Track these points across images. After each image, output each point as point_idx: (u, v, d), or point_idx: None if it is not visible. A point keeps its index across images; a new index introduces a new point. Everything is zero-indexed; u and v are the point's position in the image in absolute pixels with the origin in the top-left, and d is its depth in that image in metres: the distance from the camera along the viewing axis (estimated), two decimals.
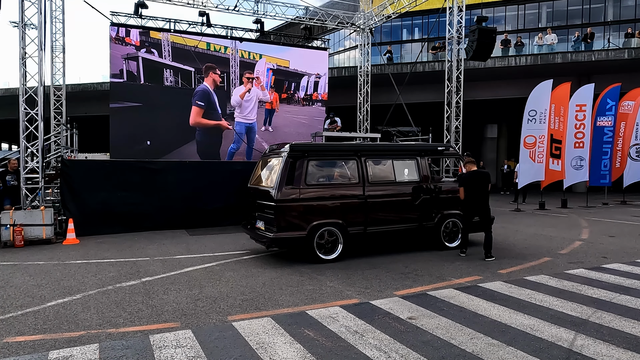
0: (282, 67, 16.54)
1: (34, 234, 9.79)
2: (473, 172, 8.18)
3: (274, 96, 16.59)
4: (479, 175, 8.20)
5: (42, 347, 4.29)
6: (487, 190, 8.14)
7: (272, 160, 8.31)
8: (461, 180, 8.30)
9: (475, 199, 8.06)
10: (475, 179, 8.12)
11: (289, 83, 16.60)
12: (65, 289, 6.25)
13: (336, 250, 7.80)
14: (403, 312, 5.15)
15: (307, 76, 16.60)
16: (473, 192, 8.08)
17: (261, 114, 16.53)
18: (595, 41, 23.81)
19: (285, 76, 16.54)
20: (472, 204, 8.11)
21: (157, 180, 11.61)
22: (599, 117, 16.58)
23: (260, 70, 16.41)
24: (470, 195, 8.11)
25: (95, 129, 24.99)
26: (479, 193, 8.06)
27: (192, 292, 6.07)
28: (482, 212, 8.08)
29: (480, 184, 8.09)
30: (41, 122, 10.60)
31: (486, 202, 8.08)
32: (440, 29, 23.46)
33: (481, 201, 8.04)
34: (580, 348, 4.16)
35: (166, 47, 15.25)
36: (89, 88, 25.88)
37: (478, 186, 8.07)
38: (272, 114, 16.76)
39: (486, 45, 14.14)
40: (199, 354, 4.08)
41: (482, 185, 8.09)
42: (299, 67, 16.64)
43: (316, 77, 16.57)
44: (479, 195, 8.06)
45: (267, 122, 16.54)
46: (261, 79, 16.33)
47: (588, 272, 7.02)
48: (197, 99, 15.32)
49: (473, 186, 8.08)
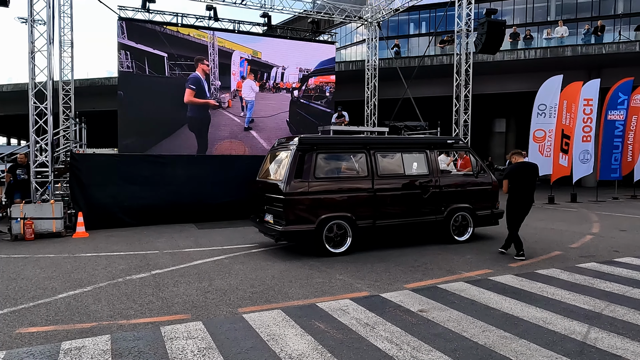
0: (256, 58, 17.03)
1: (44, 227, 9.86)
2: (520, 164, 7.57)
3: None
4: (527, 166, 7.60)
5: (54, 338, 4.32)
6: (534, 184, 7.53)
7: (281, 153, 8.29)
8: (507, 172, 7.66)
9: (521, 192, 7.45)
10: (522, 170, 7.50)
11: (261, 73, 17.07)
12: (76, 281, 6.28)
13: (345, 244, 7.78)
14: (414, 305, 5.13)
15: (276, 67, 17.22)
16: (520, 185, 7.44)
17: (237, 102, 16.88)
18: (606, 34, 23.50)
19: (259, 66, 17.02)
20: (518, 198, 7.47)
21: (166, 174, 11.63)
22: (610, 111, 16.39)
23: (235, 61, 16.75)
24: (516, 189, 7.48)
25: (103, 124, 25.10)
26: (526, 186, 7.44)
27: (202, 284, 6.08)
28: (527, 208, 7.51)
29: (528, 176, 7.46)
30: (50, 116, 10.65)
31: (532, 198, 7.52)
32: (448, 22, 23.28)
33: (528, 195, 7.46)
34: (594, 341, 4.12)
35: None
36: (97, 83, 25.97)
37: (525, 179, 7.44)
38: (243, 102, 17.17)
39: (495, 38, 14.02)
40: (210, 345, 4.08)
41: (530, 178, 7.47)
42: (270, 59, 17.18)
43: (282, 69, 17.28)
44: (525, 189, 7.44)
45: (244, 108, 17.04)
46: (235, 68, 16.74)
47: (600, 265, 6.96)
48: (189, 83, 16.12)
49: (520, 179, 7.44)
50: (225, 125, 16.75)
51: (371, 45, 19.66)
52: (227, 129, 16.75)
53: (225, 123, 16.75)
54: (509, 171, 7.60)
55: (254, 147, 16.87)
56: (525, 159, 7.74)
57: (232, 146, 16.64)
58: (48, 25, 10.61)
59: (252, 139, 16.99)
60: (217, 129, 16.57)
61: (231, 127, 16.82)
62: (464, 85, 15.36)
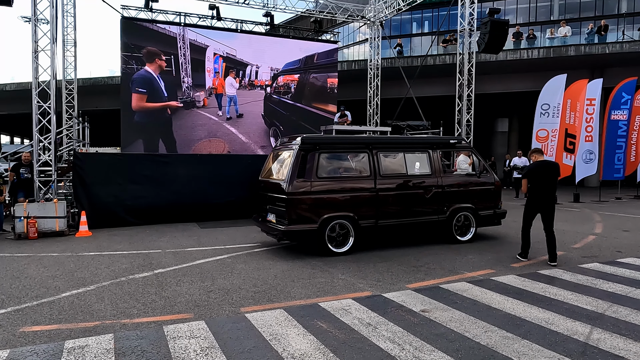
0: (231, 55, 16.86)
1: (47, 226, 9.89)
2: (540, 163, 7.23)
3: (220, 82, 16.68)
4: (548, 165, 7.26)
5: (57, 337, 4.34)
6: (555, 184, 7.21)
7: (284, 153, 8.30)
8: (526, 171, 7.39)
9: (541, 192, 7.11)
10: (543, 170, 7.15)
11: (237, 70, 16.94)
12: (79, 280, 6.30)
13: (347, 244, 7.78)
14: (416, 305, 5.13)
15: (250, 65, 17.10)
16: (540, 185, 7.10)
17: (213, 100, 16.61)
18: (609, 33, 23.42)
19: (234, 64, 16.86)
20: (538, 199, 7.14)
21: (168, 173, 11.66)
22: (613, 111, 16.34)
23: (209, 57, 16.48)
24: (536, 189, 7.15)
25: (106, 123, 25.16)
26: (546, 186, 7.10)
27: (205, 284, 6.10)
28: (549, 209, 7.11)
29: (548, 175, 7.12)
30: (54, 116, 10.68)
31: (554, 198, 7.18)
32: (450, 22, 23.22)
33: (549, 196, 7.12)
34: (597, 342, 4.11)
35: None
36: (99, 82, 26.02)
37: (546, 178, 7.10)
38: (221, 99, 16.77)
39: (498, 37, 13.98)
40: (213, 345, 4.09)
41: (551, 178, 7.13)
42: (244, 57, 17.04)
43: (256, 67, 17.18)
44: (546, 189, 7.10)
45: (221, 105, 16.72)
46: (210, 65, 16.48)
47: (603, 266, 6.94)
48: (136, 86, 15.11)
49: (540, 178, 7.11)
50: (203, 124, 16.32)
51: (374, 45, 19.65)
52: (205, 129, 16.34)
53: (201, 122, 16.31)
54: (528, 170, 7.34)
55: (234, 143, 16.66)
56: (545, 158, 7.48)
57: (211, 145, 16.31)
58: (51, 24, 10.65)
59: (231, 135, 16.73)
60: (192, 129, 16.09)
61: (209, 126, 16.43)
62: (466, 85, 15.34)
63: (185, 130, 16.09)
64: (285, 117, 17.42)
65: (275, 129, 17.24)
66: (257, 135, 17.11)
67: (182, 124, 16.04)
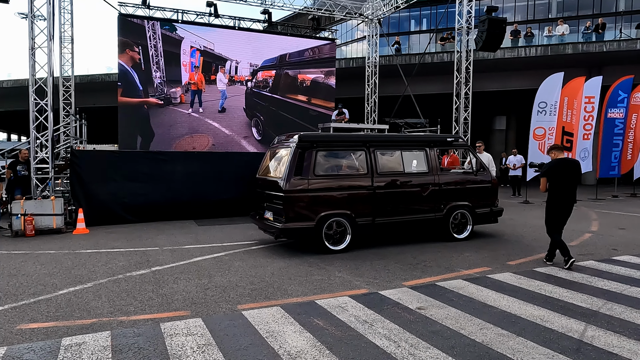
0: (208, 49, 16.38)
1: (44, 224, 9.89)
2: (560, 160, 6.82)
3: (199, 76, 16.33)
4: (569, 163, 6.85)
5: (54, 334, 4.35)
6: (576, 183, 6.83)
7: (281, 150, 8.30)
8: (545, 169, 6.91)
9: (562, 192, 6.71)
10: (563, 168, 6.75)
11: (216, 65, 16.60)
12: (76, 278, 6.31)
13: (344, 241, 7.80)
14: (412, 302, 5.16)
15: (230, 61, 16.81)
16: (560, 184, 6.72)
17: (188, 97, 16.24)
18: (607, 32, 23.47)
19: (212, 59, 16.50)
20: (559, 198, 6.75)
21: (166, 170, 11.65)
22: (610, 109, 16.39)
23: (185, 50, 16.01)
24: (556, 188, 6.75)
25: (104, 121, 25.12)
26: (567, 185, 6.71)
27: (202, 281, 6.11)
28: (568, 209, 6.77)
29: (569, 174, 6.73)
30: (51, 113, 10.65)
31: (574, 197, 6.79)
32: (448, 19, 23.23)
33: (569, 195, 6.72)
34: (591, 339, 4.14)
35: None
36: (97, 79, 25.96)
37: (567, 177, 6.72)
38: (200, 95, 16.41)
39: (496, 35, 14.00)
40: (210, 342, 4.11)
41: (572, 176, 6.75)
42: (223, 52, 16.69)
43: (236, 62, 16.90)
44: (567, 188, 6.71)
45: (193, 103, 16.28)
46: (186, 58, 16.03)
47: (598, 263, 6.98)
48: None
49: (561, 177, 6.72)
50: (182, 122, 16.02)
51: (372, 42, 19.64)
52: (185, 126, 16.05)
53: (181, 120, 16.02)
54: (548, 168, 6.86)
55: (217, 136, 16.50)
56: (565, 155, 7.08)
57: (194, 141, 16.10)
58: (48, 21, 10.61)
59: (215, 129, 16.56)
60: (172, 127, 15.77)
61: (189, 122, 16.11)
62: (464, 83, 15.36)
63: (163, 128, 15.67)
64: (265, 108, 17.31)
65: (256, 119, 17.13)
66: (240, 127, 16.95)
67: (159, 122, 15.62)
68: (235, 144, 16.67)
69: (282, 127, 16.42)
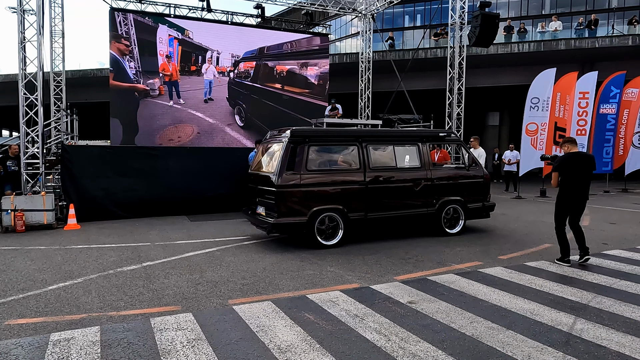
0: (187, 37, 15.81)
1: (35, 219, 9.81)
2: (574, 154, 6.54)
3: (174, 67, 15.80)
4: (582, 158, 6.58)
5: (43, 330, 4.31)
6: (590, 178, 6.55)
7: (273, 145, 8.28)
8: (558, 163, 6.64)
9: (574, 187, 6.48)
10: (576, 162, 6.49)
11: (196, 56, 16.09)
12: (66, 273, 6.27)
13: (337, 236, 7.80)
14: (403, 297, 5.16)
15: (211, 51, 16.38)
16: (573, 179, 6.46)
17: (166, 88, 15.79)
18: (599, 28, 23.60)
19: (192, 48, 16.00)
20: (571, 194, 6.53)
21: (158, 166, 11.59)
22: (602, 105, 16.48)
23: (162, 38, 15.39)
24: (568, 183, 6.50)
25: (96, 116, 24.93)
26: (580, 181, 6.45)
27: (193, 276, 6.09)
28: (580, 205, 6.59)
29: (583, 169, 6.46)
30: (41, 108, 10.55)
31: (587, 194, 6.56)
32: (442, 15, 23.23)
33: (582, 191, 6.50)
34: (580, 332, 4.17)
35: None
36: (89, 74, 25.77)
37: (580, 172, 6.45)
38: (176, 86, 15.93)
39: (489, 31, 14.00)
40: (200, 337, 4.09)
41: (585, 171, 6.47)
42: (203, 41, 16.20)
43: (217, 53, 16.51)
44: (579, 184, 6.46)
45: (172, 94, 15.82)
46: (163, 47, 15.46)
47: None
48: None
49: (573, 171, 6.46)
50: (164, 113, 15.62)
51: (365, 38, 19.60)
52: (168, 117, 15.68)
53: (161, 112, 15.60)
54: (560, 162, 6.59)
55: (202, 125, 16.21)
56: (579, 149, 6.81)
57: (178, 130, 15.79)
58: (38, 15, 10.49)
59: (198, 119, 16.22)
60: (153, 119, 15.39)
61: (171, 113, 15.75)
62: (457, 78, 15.38)
63: (145, 120, 15.31)
64: (247, 96, 16.99)
65: (239, 107, 16.89)
66: (223, 115, 16.71)
67: (139, 114, 15.24)
68: (219, 131, 16.45)
69: (263, 114, 16.55)
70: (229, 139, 16.78)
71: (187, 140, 16.03)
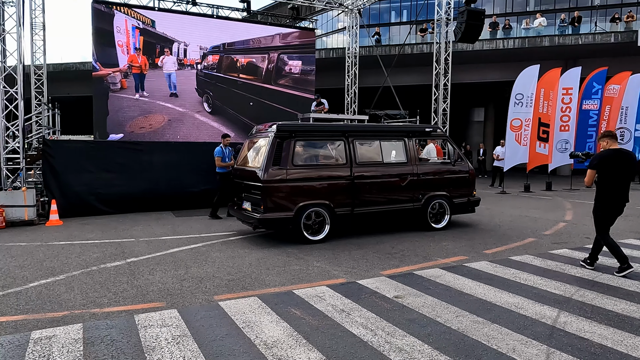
0: (149, 26, 14.95)
1: (15, 215, 9.62)
2: (613, 152, 5.84)
3: (142, 59, 15.05)
4: (623, 155, 5.84)
5: (24, 327, 4.23)
6: (630, 178, 5.89)
7: (259, 140, 8.22)
8: (597, 161, 5.87)
9: (615, 188, 5.80)
10: (617, 160, 5.78)
11: (161, 47, 15.27)
12: (48, 270, 6.16)
13: (323, 231, 7.79)
14: (389, 291, 5.17)
15: (177, 43, 15.73)
16: (613, 178, 5.79)
17: (131, 81, 14.96)
18: (582, 25, 23.89)
19: (156, 39, 15.18)
20: (611, 195, 5.83)
21: (142, 161, 11.45)
22: (585, 101, 16.69)
23: (120, 28, 14.40)
24: (608, 183, 5.81)
25: (79, 111, 24.51)
26: (620, 180, 5.79)
27: (178, 272, 6.02)
28: (620, 208, 5.85)
29: (624, 167, 5.77)
30: (21, 101, 10.34)
31: (627, 195, 5.86)
32: (428, 10, 23.29)
33: (622, 192, 5.81)
34: (564, 325, 4.22)
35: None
36: (71, 68, 25.30)
37: (620, 171, 5.76)
38: (143, 79, 15.19)
39: (475, 27, 14.07)
40: (185, 333, 4.05)
41: (627, 170, 5.79)
42: (168, 32, 15.40)
43: (184, 45, 15.89)
44: (620, 184, 5.79)
45: (139, 87, 15.07)
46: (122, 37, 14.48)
47: (571, 252, 7.12)
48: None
49: (614, 170, 5.77)
50: (131, 105, 14.92)
51: (352, 33, 19.56)
52: (136, 109, 14.98)
53: (127, 105, 14.85)
54: (600, 159, 5.86)
55: (173, 113, 15.63)
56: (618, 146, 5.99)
57: (148, 120, 15.19)
58: (18, 6, 10.26)
59: (168, 109, 15.63)
60: (119, 112, 14.65)
61: (139, 105, 15.02)
62: (443, 74, 15.45)
63: (111, 113, 14.55)
64: (213, 85, 16.40)
65: (207, 95, 16.39)
66: (193, 104, 16.21)
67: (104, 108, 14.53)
68: (189, 117, 16.01)
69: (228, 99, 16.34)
70: (199, 123, 16.25)
71: (158, 127, 15.43)
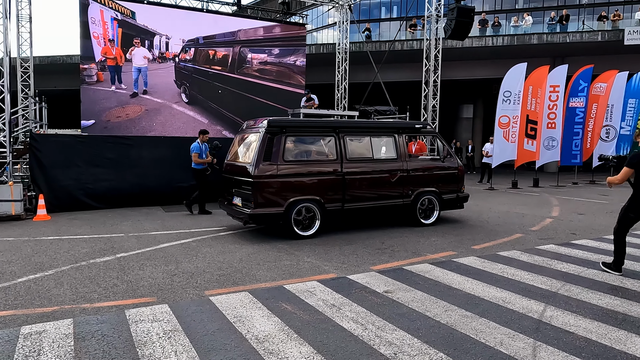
0: (128, 18, 14.63)
1: (2, 210, 9.51)
2: None
3: (117, 51, 14.71)
4: None
5: (13, 323, 4.20)
6: None
7: (250, 136, 8.21)
8: (635, 159, 5.43)
9: None
10: None
11: (142, 40, 15.01)
12: (36, 265, 6.11)
13: (314, 227, 7.82)
14: (379, 286, 5.23)
15: (159, 35, 15.50)
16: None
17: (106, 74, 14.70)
18: (570, 23, 24.13)
19: (136, 31, 14.93)
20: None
21: (131, 155, 11.37)
22: (572, 98, 16.89)
23: (95, 19, 14.10)
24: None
25: (67, 104, 24.22)
26: None
27: (169, 267, 6.02)
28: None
29: None
30: (7, 94, 10.20)
31: None
32: (418, 7, 23.34)
33: None
34: (550, 319, 4.30)
35: None
36: (58, 61, 24.99)
37: None
38: (119, 71, 14.88)
39: (464, 24, 14.17)
40: (176, 328, 4.06)
41: None
42: (149, 24, 15.11)
43: (166, 38, 15.67)
44: None
45: (114, 79, 14.76)
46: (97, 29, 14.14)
47: (558, 247, 7.23)
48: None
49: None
50: (105, 98, 14.59)
51: (342, 29, 19.55)
52: (112, 100, 14.68)
53: (103, 97, 14.57)
54: (636, 158, 5.46)
55: (150, 104, 15.42)
56: None
57: (125, 110, 14.94)
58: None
59: (147, 100, 15.42)
60: (95, 104, 14.39)
61: (117, 97, 14.71)
62: (433, 71, 15.52)
63: (87, 105, 14.35)
64: (189, 76, 16.20)
65: (184, 86, 16.21)
66: (170, 96, 16.00)
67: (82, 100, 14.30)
68: (167, 107, 15.83)
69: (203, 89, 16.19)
70: (176, 112, 16.01)
71: (135, 116, 15.19)
